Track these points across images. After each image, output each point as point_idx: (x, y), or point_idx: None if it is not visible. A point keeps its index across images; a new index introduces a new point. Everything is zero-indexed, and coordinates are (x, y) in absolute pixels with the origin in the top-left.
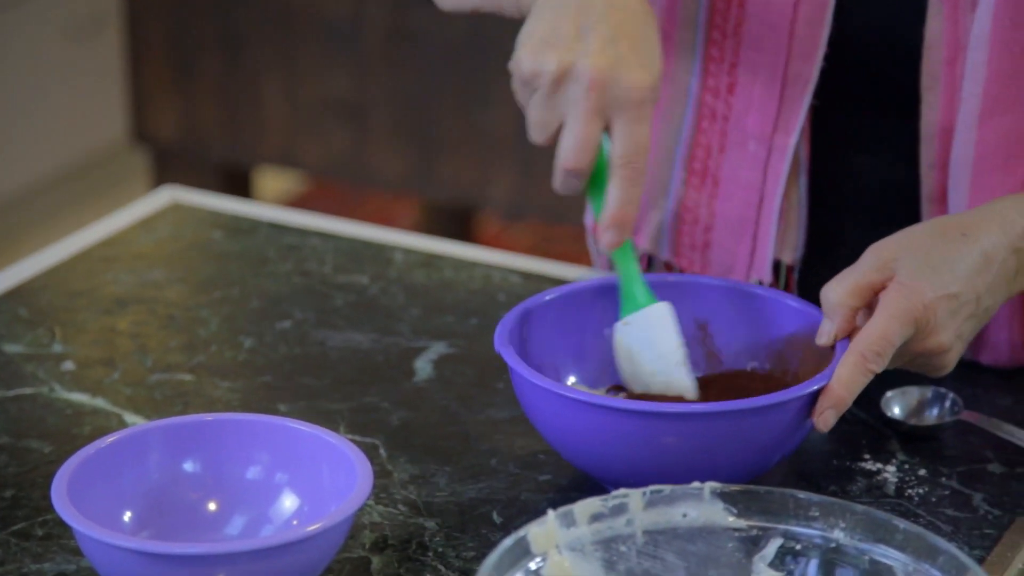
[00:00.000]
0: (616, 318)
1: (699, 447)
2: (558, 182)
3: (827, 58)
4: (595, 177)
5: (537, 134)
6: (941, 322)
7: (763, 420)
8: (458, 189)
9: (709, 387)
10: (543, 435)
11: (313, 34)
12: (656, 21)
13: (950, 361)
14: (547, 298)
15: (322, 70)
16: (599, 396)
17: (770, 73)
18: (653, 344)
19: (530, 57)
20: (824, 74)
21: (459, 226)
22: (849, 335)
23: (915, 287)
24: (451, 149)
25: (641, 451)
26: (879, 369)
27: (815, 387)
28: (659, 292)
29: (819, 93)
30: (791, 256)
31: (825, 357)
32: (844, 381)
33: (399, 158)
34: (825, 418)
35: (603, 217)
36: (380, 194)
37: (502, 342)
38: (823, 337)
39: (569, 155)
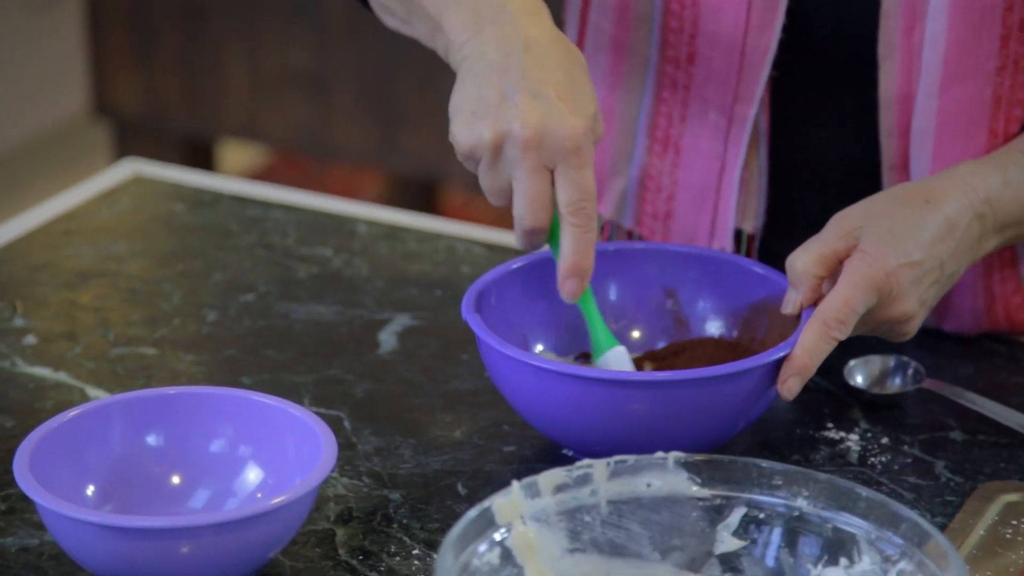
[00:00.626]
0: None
1: (665, 415)
2: (520, 242)
3: (785, 29)
4: (552, 226)
5: (495, 200)
6: (905, 289)
7: (728, 388)
8: (422, 161)
9: (676, 355)
10: (511, 403)
11: (275, 5)
12: (580, 56)
13: (913, 328)
14: (514, 266)
15: (285, 42)
16: (566, 364)
17: (729, 44)
18: None
19: (464, 132)
20: (783, 45)
21: (423, 198)
22: (815, 304)
23: (878, 255)
24: (415, 121)
25: (608, 419)
26: (842, 336)
27: (779, 355)
28: (627, 260)
29: (778, 64)
30: (752, 225)
31: (791, 325)
32: (808, 348)
33: (363, 130)
34: (789, 386)
35: (561, 268)
36: (344, 167)
37: (469, 310)
38: (789, 306)
39: (525, 216)
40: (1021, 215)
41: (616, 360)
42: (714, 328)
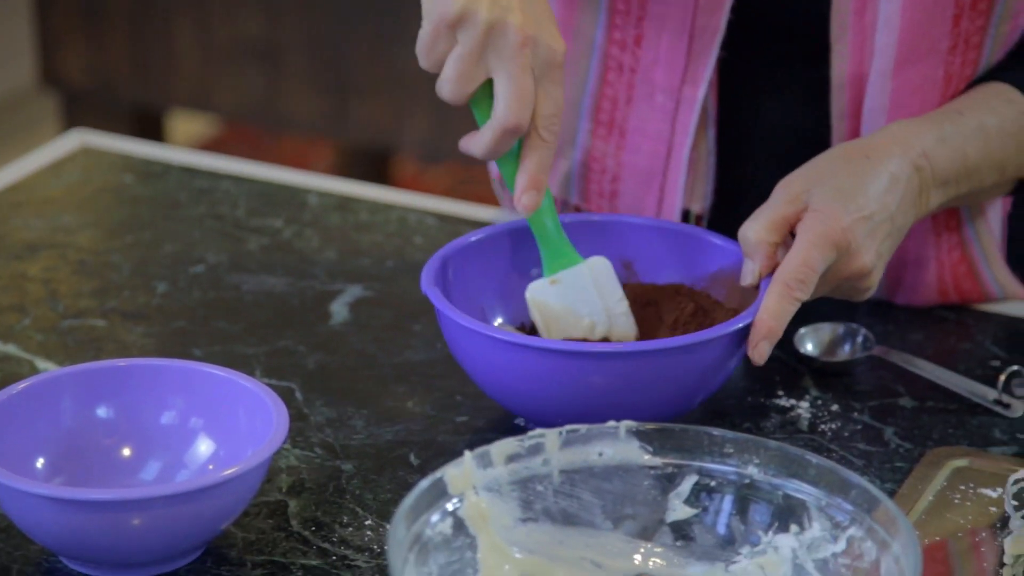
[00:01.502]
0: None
1: (628, 386)
2: (493, 142)
3: (734, 10)
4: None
5: (457, 88)
6: (861, 244)
7: (689, 358)
8: (374, 132)
9: (645, 307)
10: (472, 377)
11: None
12: None
13: (874, 282)
14: (472, 239)
15: (234, 10)
16: (530, 337)
17: (677, 26)
18: (594, 297)
19: (460, 1)
20: (732, 26)
21: (376, 169)
22: (772, 272)
23: (830, 212)
24: (367, 91)
25: (571, 391)
26: (805, 297)
27: (739, 325)
28: (584, 232)
29: (727, 45)
30: (700, 206)
31: (751, 294)
32: (773, 311)
33: (314, 100)
34: (760, 350)
35: (522, 180)
36: (295, 137)
37: (428, 284)
38: (747, 277)
39: (511, 111)
40: (958, 171)
41: (602, 271)
42: None
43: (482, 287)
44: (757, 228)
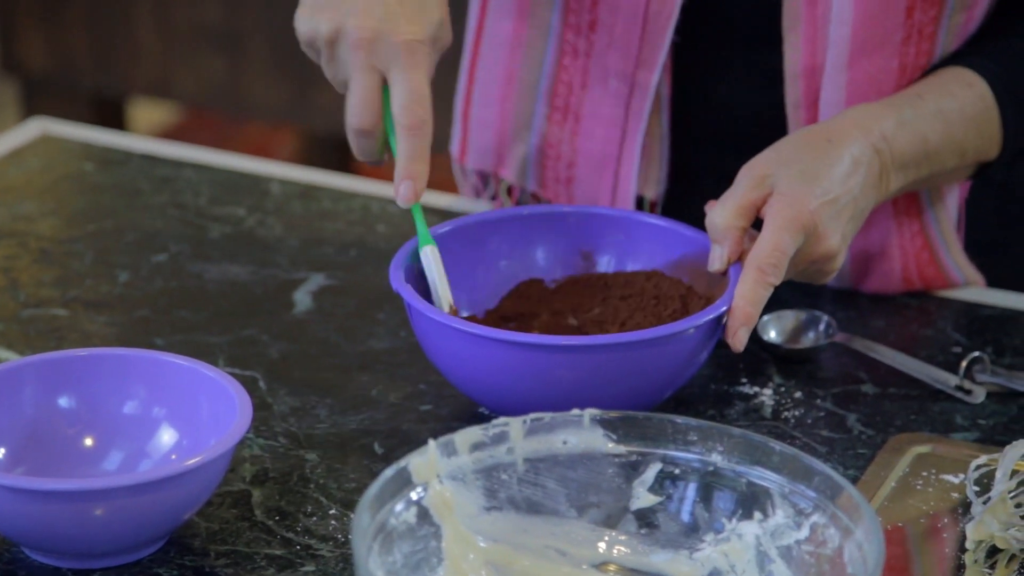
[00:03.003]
0: (508, 251)
1: (598, 378)
2: (353, 146)
3: None
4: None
5: (340, 91)
6: (828, 226)
7: (659, 351)
8: (336, 119)
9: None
10: (441, 370)
11: None
12: None
13: (838, 265)
14: (442, 231)
15: None
16: (499, 330)
17: (631, 10)
18: (435, 283)
19: (304, 22)
20: (685, 11)
21: (338, 156)
22: (740, 259)
23: (797, 196)
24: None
25: (541, 384)
26: (777, 281)
27: (712, 315)
28: (549, 224)
29: (680, 30)
30: (654, 191)
31: (714, 281)
32: (748, 297)
33: (276, 88)
34: (739, 337)
35: (396, 172)
36: (257, 125)
37: (397, 277)
38: (715, 263)
39: (354, 114)
40: (918, 154)
41: (433, 260)
42: None
43: (452, 279)
44: (724, 214)
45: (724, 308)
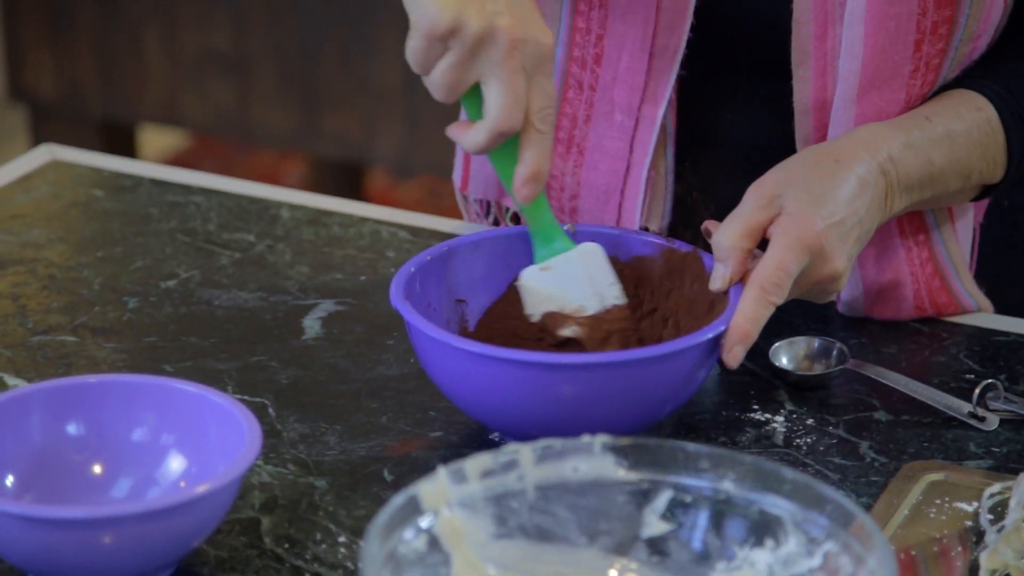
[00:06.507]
0: (518, 267)
1: (599, 396)
2: (486, 142)
3: (694, 29)
4: None
5: (448, 94)
6: (834, 249)
7: (661, 368)
8: (345, 145)
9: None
10: (441, 388)
11: None
12: None
13: (842, 285)
14: (435, 254)
15: (203, 23)
16: (496, 348)
17: (637, 44)
18: (584, 283)
19: (449, 10)
20: (692, 45)
21: (348, 182)
22: (742, 280)
23: (804, 217)
24: (337, 104)
25: (540, 402)
26: (780, 301)
27: (712, 333)
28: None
29: (687, 64)
30: (657, 225)
31: (696, 301)
32: (748, 315)
33: (284, 114)
34: (735, 354)
35: (521, 172)
36: (266, 151)
37: (398, 296)
38: (717, 282)
39: (504, 116)
40: (923, 176)
41: (594, 257)
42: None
43: (444, 300)
44: (731, 235)
45: (723, 328)
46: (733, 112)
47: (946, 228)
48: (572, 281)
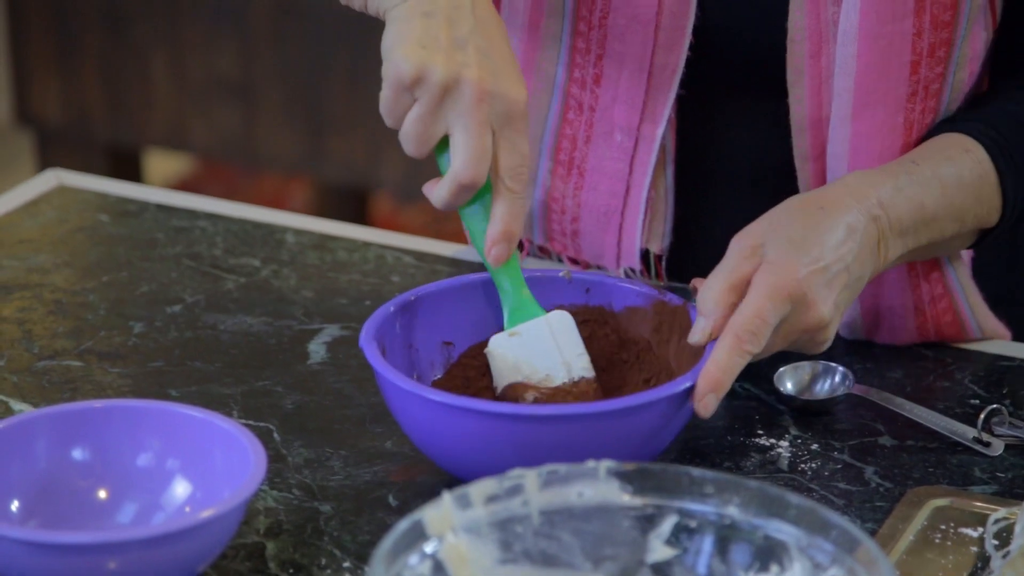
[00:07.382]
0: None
1: (565, 447)
2: (450, 196)
3: (693, 48)
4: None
5: (417, 147)
6: (818, 295)
7: (631, 420)
8: (351, 169)
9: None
10: (413, 440)
11: (199, 10)
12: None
13: (830, 335)
14: (412, 298)
15: (209, 49)
16: (459, 397)
17: (636, 64)
18: (553, 351)
19: (413, 59)
20: (691, 64)
21: (353, 206)
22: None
23: (784, 264)
24: (343, 129)
25: (492, 447)
26: (756, 349)
27: (687, 384)
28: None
29: (686, 83)
30: (658, 245)
31: (681, 356)
32: (722, 364)
33: (290, 138)
34: (706, 403)
35: (492, 232)
36: (272, 176)
37: (367, 339)
38: (697, 335)
39: (467, 168)
40: (916, 220)
41: (561, 325)
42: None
43: (425, 342)
44: (716, 289)
45: (694, 382)
46: (732, 130)
47: (959, 266)
48: (540, 349)
